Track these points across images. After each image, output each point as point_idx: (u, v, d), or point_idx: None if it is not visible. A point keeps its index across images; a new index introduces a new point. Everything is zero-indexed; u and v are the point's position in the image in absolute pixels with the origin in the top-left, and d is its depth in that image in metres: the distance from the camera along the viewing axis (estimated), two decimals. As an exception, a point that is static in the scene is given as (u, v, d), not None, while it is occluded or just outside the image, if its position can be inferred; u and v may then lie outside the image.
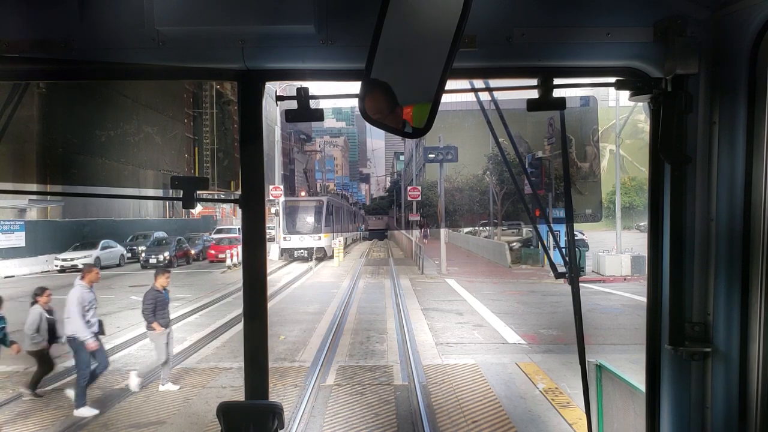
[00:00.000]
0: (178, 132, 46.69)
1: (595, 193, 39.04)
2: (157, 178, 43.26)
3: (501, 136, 2.45)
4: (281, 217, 35.85)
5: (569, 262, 2.38)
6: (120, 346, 13.02)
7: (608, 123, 49.51)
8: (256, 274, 2.30)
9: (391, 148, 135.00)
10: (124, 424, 8.52)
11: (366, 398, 9.35)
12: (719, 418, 2.10)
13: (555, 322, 14.99)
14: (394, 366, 11.16)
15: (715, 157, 2.06)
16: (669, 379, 2.21)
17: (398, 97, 1.71)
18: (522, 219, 40.35)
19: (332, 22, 2.10)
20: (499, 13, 2.09)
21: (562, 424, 8.23)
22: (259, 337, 2.32)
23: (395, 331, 14.29)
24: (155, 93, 42.37)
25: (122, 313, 17.27)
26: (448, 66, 1.62)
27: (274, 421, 2.23)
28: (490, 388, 9.67)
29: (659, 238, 2.20)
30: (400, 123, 1.74)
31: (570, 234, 2.62)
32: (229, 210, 59.82)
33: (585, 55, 2.14)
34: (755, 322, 1.99)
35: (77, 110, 33.28)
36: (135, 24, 2.09)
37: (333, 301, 19.08)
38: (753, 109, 1.97)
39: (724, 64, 2.02)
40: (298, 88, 2.12)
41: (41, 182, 30.82)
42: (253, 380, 2.32)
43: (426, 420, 8.19)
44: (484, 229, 45.20)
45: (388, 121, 1.74)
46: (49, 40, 2.12)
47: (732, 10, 1.98)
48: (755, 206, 1.98)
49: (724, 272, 2.06)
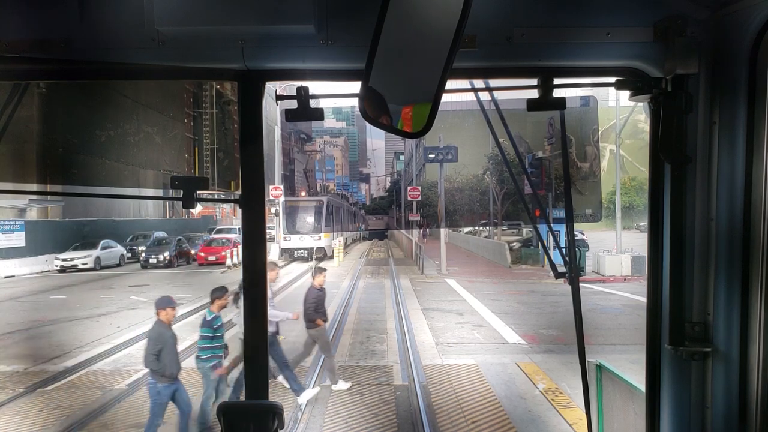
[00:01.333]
0: (178, 132, 46.68)
1: (595, 193, 39.04)
2: (157, 178, 43.25)
3: (501, 136, 2.45)
4: (281, 217, 35.85)
5: (569, 262, 2.38)
6: (120, 346, 13.02)
7: (608, 123, 49.53)
8: (256, 274, 2.30)
9: (391, 148, 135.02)
10: (124, 424, 8.52)
11: (366, 398, 9.35)
12: (719, 417, 2.10)
13: (555, 322, 14.98)
14: (394, 366, 11.16)
15: (715, 157, 2.06)
16: (669, 379, 2.21)
17: (398, 97, 1.71)
18: (522, 219, 40.35)
19: (332, 22, 2.10)
20: (499, 13, 2.09)
21: (562, 424, 8.23)
22: (259, 337, 2.32)
23: (395, 331, 14.29)
24: (155, 93, 42.36)
25: (122, 312, 17.27)
26: (448, 66, 1.62)
27: (274, 421, 2.23)
28: (490, 388, 9.67)
29: (659, 238, 2.20)
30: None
31: (570, 234, 2.62)
32: (229, 210, 59.82)
33: (585, 55, 2.14)
34: (755, 322, 1.99)
35: (77, 110, 33.29)
36: (135, 24, 2.09)
37: (333, 301, 19.07)
38: (753, 109, 1.97)
39: (724, 64, 2.02)
40: (298, 88, 2.12)
41: (41, 182, 30.82)
42: (253, 380, 2.32)
43: (426, 420, 8.19)
44: (484, 229, 45.21)
45: (389, 121, 1.74)
46: (49, 40, 2.12)
47: (732, 10, 1.98)
48: (755, 206, 1.98)
49: (724, 272, 2.06)
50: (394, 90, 1.71)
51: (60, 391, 9.92)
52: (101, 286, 23.85)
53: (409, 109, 1.72)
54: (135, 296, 20.58)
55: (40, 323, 15.72)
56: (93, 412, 8.94)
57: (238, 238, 33.21)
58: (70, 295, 21.43)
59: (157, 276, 27.11)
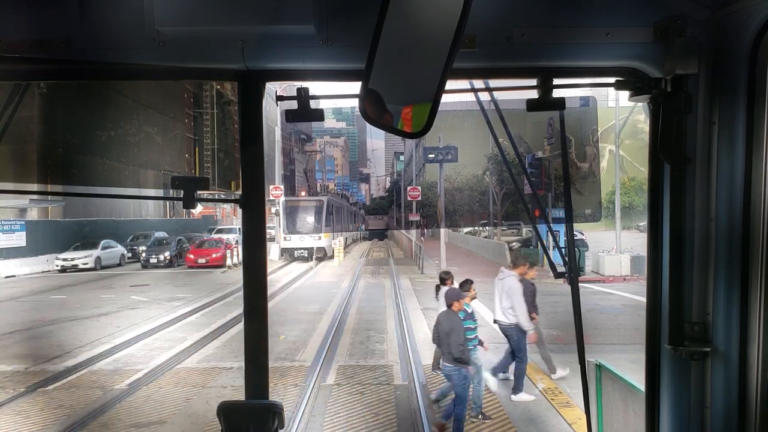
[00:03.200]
0: (178, 132, 46.68)
1: (594, 193, 39.06)
2: (157, 178, 43.25)
3: (501, 136, 2.45)
4: (281, 217, 35.85)
5: (569, 262, 2.39)
6: (120, 346, 13.03)
7: (608, 123, 49.53)
8: (256, 274, 2.30)
9: (391, 148, 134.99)
10: (124, 424, 8.52)
11: (366, 398, 9.36)
12: (719, 417, 2.10)
13: (555, 321, 14.98)
14: (394, 366, 11.17)
15: (715, 157, 2.06)
16: (668, 378, 2.21)
17: (398, 98, 1.71)
18: (522, 219, 40.34)
19: (332, 22, 2.10)
20: (499, 13, 2.09)
21: (561, 423, 8.23)
22: (259, 337, 2.32)
23: (395, 330, 14.29)
24: (155, 93, 42.36)
25: (123, 312, 17.28)
26: (448, 66, 1.62)
27: (274, 420, 2.23)
28: (489, 388, 9.67)
29: (659, 238, 2.20)
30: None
31: (569, 234, 2.63)
32: (230, 210, 59.83)
33: (585, 55, 2.14)
34: (755, 321, 2.00)
35: (78, 110, 33.28)
36: (135, 24, 2.09)
37: (333, 300, 19.09)
38: (752, 109, 1.97)
39: (723, 64, 2.02)
40: (298, 88, 2.12)
41: (42, 182, 30.82)
42: (254, 380, 2.32)
43: (426, 420, 8.19)
44: (483, 229, 45.20)
45: (388, 121, 1.74)
46: (50, 41, 2.12)
47: (732, 10, 1.98)
48: (755, 206, 1.99)
49: (724, 272, 2.06)
50: (394, 90, 1.71)
51: (61, 391, 9.93)
52: (102, 285, 23.85)
53: (409, 109, 1.72)
54: (135, 296, 20.59)
55: (41, 323, 15.73)
56: (94, 411, 8.95)
57: (232, 239, 33.15)
58: (70, 295, 21.44)
59: (158, 276, 27.12)
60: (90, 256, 29.80)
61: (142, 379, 10.55)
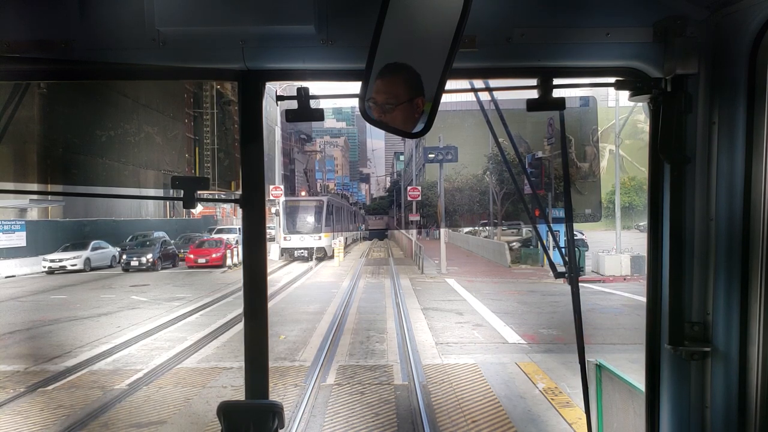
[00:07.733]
0: (178, 132, 46.66)
1: (594, 193, 39.03)
2: (157, 178, 43.24)
3: (501, 136, 2.45)
4: (281, 217, 35.86)
5: (569, 262, 2.39)
6: (120, 346, 13.03)
7: (608, 123, 49.50)
8: (256, 274, 2.30)
9: (391, 148, 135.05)
10: (124, 424, 8.52)
11: (366, 398, 9.35)
12: (719, 417, 2.10)
13: (555, 321, 14.98)
14: (394, 365, 11.17)
15: (715, 157, 2.06)
16: (668, 378, 2.21)
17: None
18: (522, 219, 40.31)
19: (332, 22, 2.10)
20: (499, 13, 2.09)
21: (561, 423, 8.23)
22: (259, 337, 2.32)
23: (395, 330, 14.29)
24: (156, 93, 42.34)
25: (123, 312, 17.29)
26: (448, 66, 1.63)
27: (274, 420, 2.23)
28: (489, 388, 9.67)
29: (659, 238, 2.20)
30: (399, 123, 1.74)
31: (569, 234, 2.63)
32: (230, 210, 59.83)
33: (585, 56, 2.14)
34: (755, 321, 2.00)
35: (78, 110, 33.27)
36: (135, 24, 2.10)
37: (333, 300, 19.08)
38: (752, 109, 1.97)
39: (723, 64, 2.02)
40: (298, 88, 2.13)
41: (42, 182, 30.81)
42: (254, 380, 2.32)
43: (426, 420, 8.19)
44: (483, 229, 45.20)
45: (388, 121, 1.74)
46: (50, 41, 2.12)
47: (732, 10, 1.98)
48: (755, 206, 1.99)
49: (724, 272, 2.07)
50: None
51: (61, 391, 9.92)
52: (102, 285, 23.86)
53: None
54: (135, 296, 20.59)
55: (41, 323, 15.73)
56: (94, 411, 8.95)
57: (232, 238, 33.10)
58: (70, 295, 21.44)
59: (158, 276, 27.12)
60: (79, 258, 28.79)
61: (142, 379, 10.55)
